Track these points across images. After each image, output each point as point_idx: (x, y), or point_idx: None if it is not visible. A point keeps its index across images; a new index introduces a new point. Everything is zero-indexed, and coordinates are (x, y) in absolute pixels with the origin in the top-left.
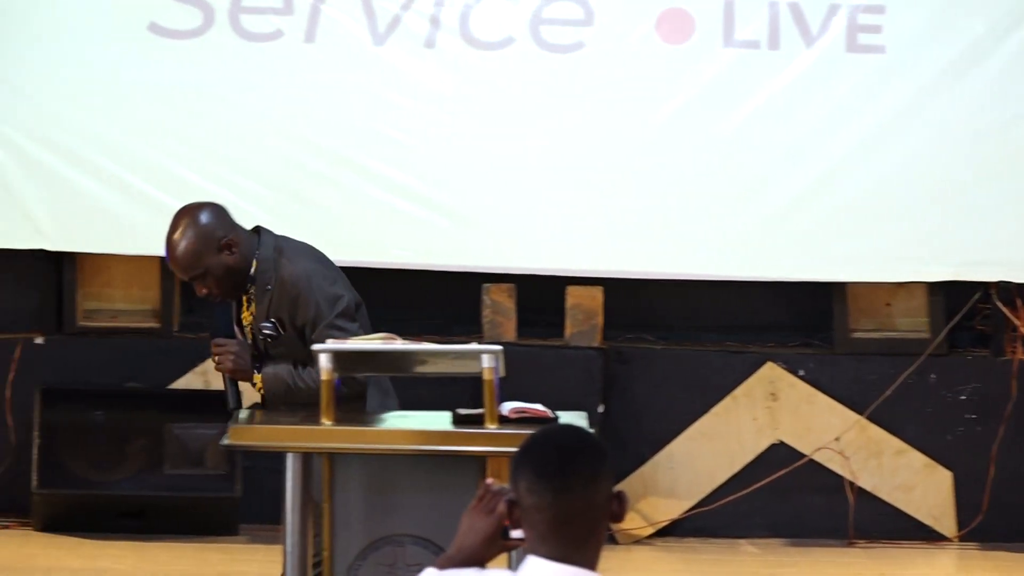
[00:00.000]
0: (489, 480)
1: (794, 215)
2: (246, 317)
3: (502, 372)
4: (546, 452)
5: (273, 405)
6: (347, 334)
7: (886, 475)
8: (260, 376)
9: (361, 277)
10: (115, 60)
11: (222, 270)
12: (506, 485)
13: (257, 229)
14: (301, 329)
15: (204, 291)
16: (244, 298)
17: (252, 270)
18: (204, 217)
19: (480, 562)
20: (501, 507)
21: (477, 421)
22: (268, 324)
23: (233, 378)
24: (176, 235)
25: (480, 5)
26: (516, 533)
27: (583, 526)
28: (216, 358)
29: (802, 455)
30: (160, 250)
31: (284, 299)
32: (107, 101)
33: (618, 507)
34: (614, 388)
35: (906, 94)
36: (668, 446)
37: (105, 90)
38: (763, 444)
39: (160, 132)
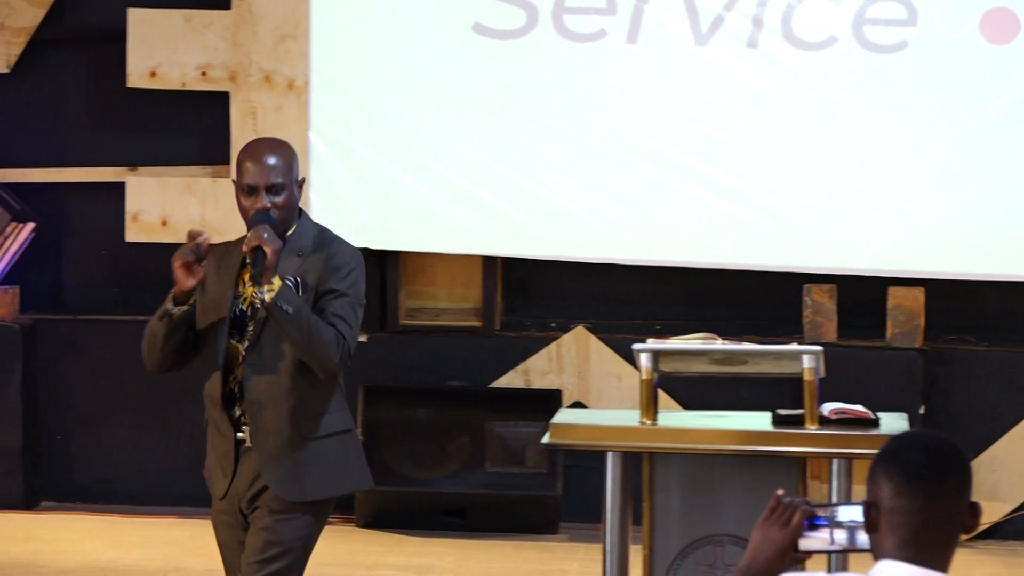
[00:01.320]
0: (779, 491)
1: None
2: (247, 284)
3: (822, 373)
4: (918, 456)
5: (275, 324)
6: (351, 322)
7: None
8: (280, 282)
9: (681, 277)
10: (440, 60)
11: (292, 196)
12: (798, 498)
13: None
14: (320, 294)
15: (270, 205)
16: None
17: (289, 232)
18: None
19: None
20: (796, 519)
21: (797, 422)
22: (291, 279)
23: (266, 256)
24: (274, 142)
25: (803, 5)
26: (805, 544)
27: (945, 532)
28: (264, 235)
29: None
30: (482, 249)
31: (325, 265)
32: (431, 100)
33: (972, 518)
34: (935, 389)
35: None
36: (990, 448)
37: (429, 89)
38: None
39: (483, 131)
